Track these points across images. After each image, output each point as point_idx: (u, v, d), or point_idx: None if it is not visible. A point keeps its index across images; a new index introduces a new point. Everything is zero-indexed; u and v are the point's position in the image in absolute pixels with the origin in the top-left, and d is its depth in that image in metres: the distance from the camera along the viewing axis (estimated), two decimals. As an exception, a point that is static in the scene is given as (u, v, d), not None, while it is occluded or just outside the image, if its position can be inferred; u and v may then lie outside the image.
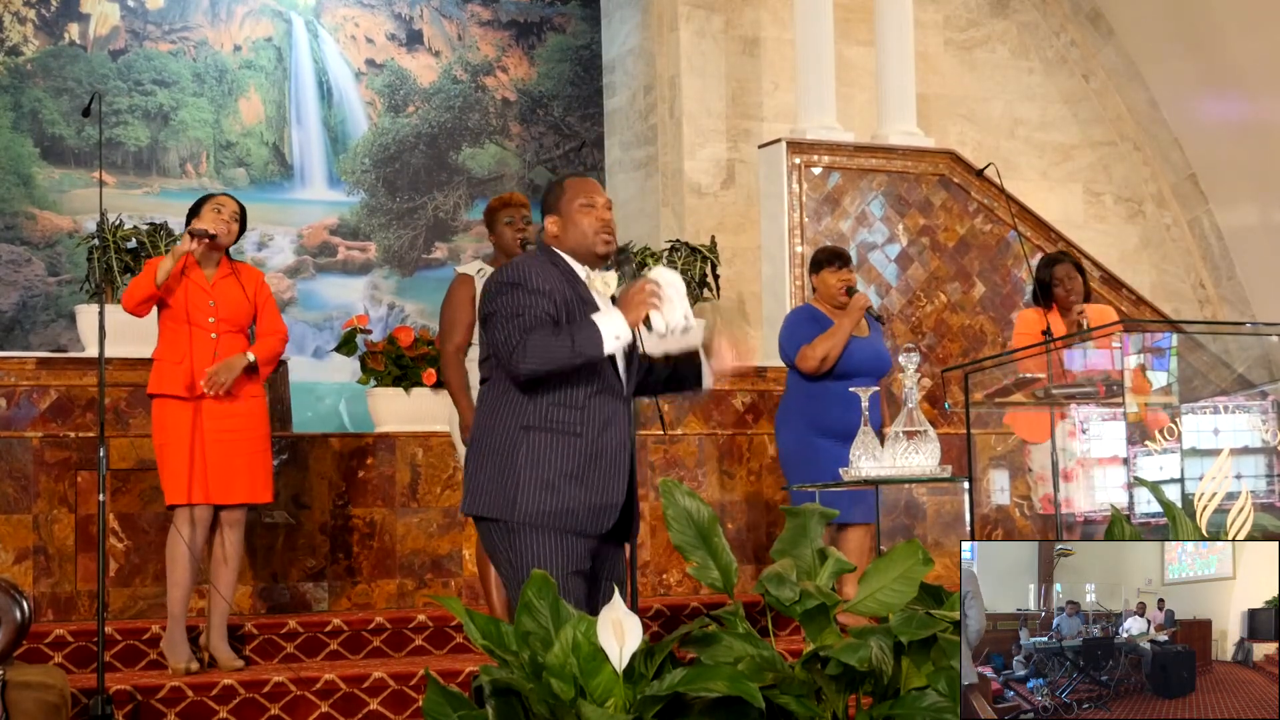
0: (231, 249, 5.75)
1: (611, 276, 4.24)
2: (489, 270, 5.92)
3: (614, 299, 4.20)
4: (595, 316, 4.05)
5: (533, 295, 4.07)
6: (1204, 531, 4.77)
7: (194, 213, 5.66)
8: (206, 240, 5.50)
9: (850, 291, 6.37)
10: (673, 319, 4.09)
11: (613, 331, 4.02)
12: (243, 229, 5.72)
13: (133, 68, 9.01)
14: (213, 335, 5.53)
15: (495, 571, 5.86)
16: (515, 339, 4.02)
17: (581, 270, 4.21)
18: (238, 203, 5.72)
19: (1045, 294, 6.66)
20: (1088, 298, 6.93)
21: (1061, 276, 6.65)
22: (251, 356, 5.57)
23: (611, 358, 4.11)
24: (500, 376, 4.16)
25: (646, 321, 4.07)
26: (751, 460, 7.53)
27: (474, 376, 5.88)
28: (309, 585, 6.65)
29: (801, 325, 6.45)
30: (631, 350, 4.19)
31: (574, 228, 4.20)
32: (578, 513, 4.02)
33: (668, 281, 4.12)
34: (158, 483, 6.18)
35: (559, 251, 4.23)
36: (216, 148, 9.16)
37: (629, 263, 4.25)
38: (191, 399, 5.47)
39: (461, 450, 5.88)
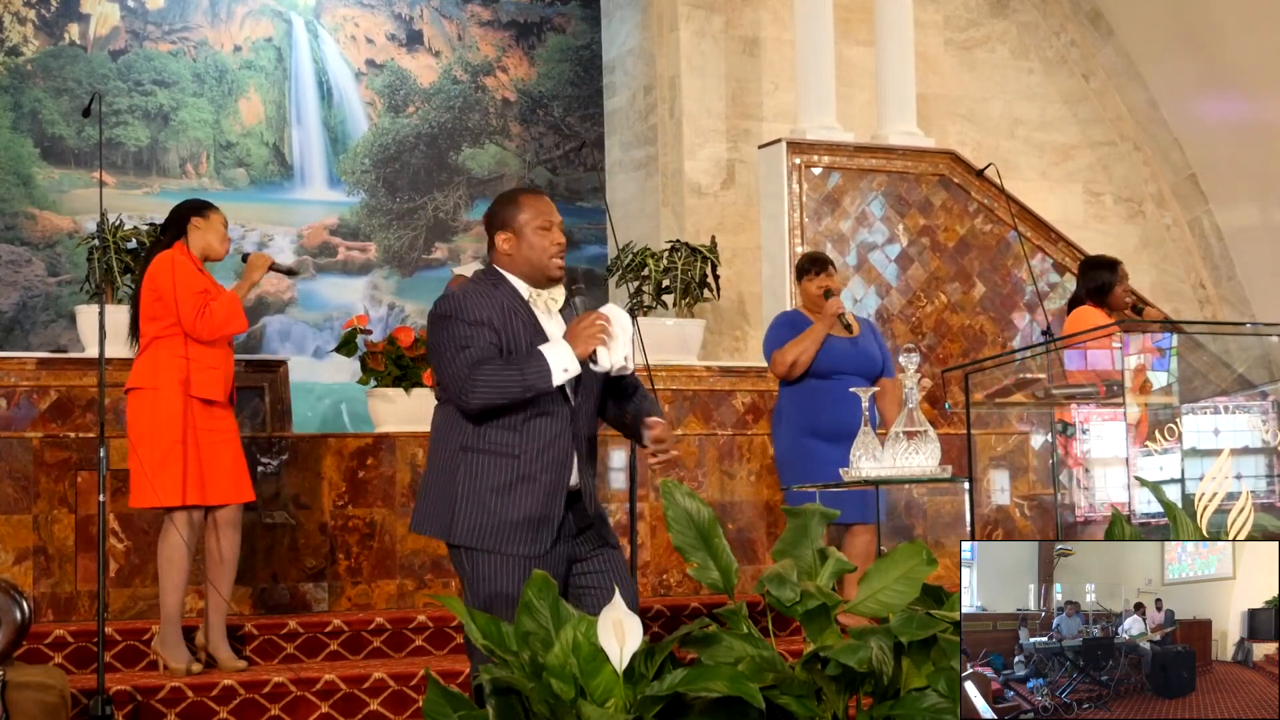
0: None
1: (559, 292, 4.21)
2: None
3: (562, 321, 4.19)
4: (544, 349, 4.02)
5: (473, 327, 4.05)
6: (1204, 531, 4.77)
7: (197, 212, 5.64)
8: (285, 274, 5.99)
9: (828, 295, 6.43)
10: (615, 358, 4.10)
11: (561, 364, 4.00)
12: None
13: (133, 68, 9.01)
14: (229, 342, 5.60)
15: None
16: (464, 373, 4.00)
17: (525, 290, 4.16)
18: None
19: (1102, 294, 6.73)
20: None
21: (1124, 275, 6.80)
22: None
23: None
24: (446, 400, 4.16)
25: (592, 355, 4.07)
26: (751, 460, 7.53)
27: None
28: (309, 585, 6.65)
29: (779, 330, 6.58)
30: (586, 372, 4.12)
31: (529, 248, 4.14)
32: (508, 532, 4.00)
33: (615, 319, 4.11)
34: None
35: (504, 273, 4.17)
36: (216, 148, 9.16)
37: (582, 293, 4.25)
38: (206, 401, 5.47)
39: None
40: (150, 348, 5.49)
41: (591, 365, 4.09)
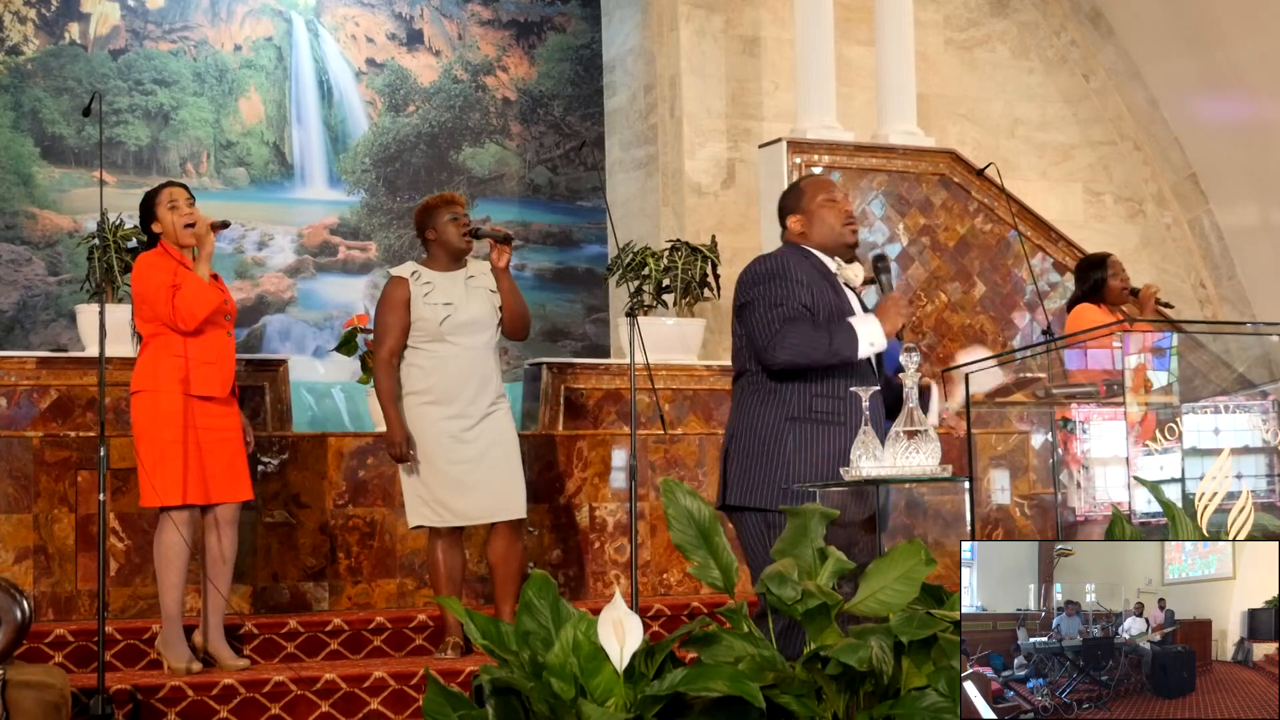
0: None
1: (859, 269, 4.41)
2: (424, 272, 5.87)
3: (860, 298, 4.41)
4: (853, 321, 4.22)
5: (793, 285, 4.25)
6: (1204, 531, 4.77)
7: (147, 211, 5.59)
8: (223, 228, 5.53)
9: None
10: (932, 416, 4.32)
11: (868, 338, 4.20)
12: None
13: (133, 67, 9.01)
14: (228, 334, 5.55)
15: (506, 578, 5.84)
16: (775, 328, 4.19)
17: (831, 263, 4.38)
18: (184, 188, 5.64)
19: (1097, 290, 6.83)
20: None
21: (1117, 267, 6.92)
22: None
23: None
24: (759, 369, 4.30)
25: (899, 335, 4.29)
26: (752, 460, 7.52)
27: (409, 384, 5.84)
28: (309, 585, 6.65)
29: None
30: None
31: (820, 223, 4.38)
32: (848, 503, 4.21)
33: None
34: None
35: (806, 247, 4.39)
36: (217, 147, 9.16)
37: (886, 271, 4.46)
38: (203, 398, 5.45)
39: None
40: (148, 347, 5.50)
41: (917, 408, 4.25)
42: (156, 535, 5.51)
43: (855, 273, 4.42)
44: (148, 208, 5.59)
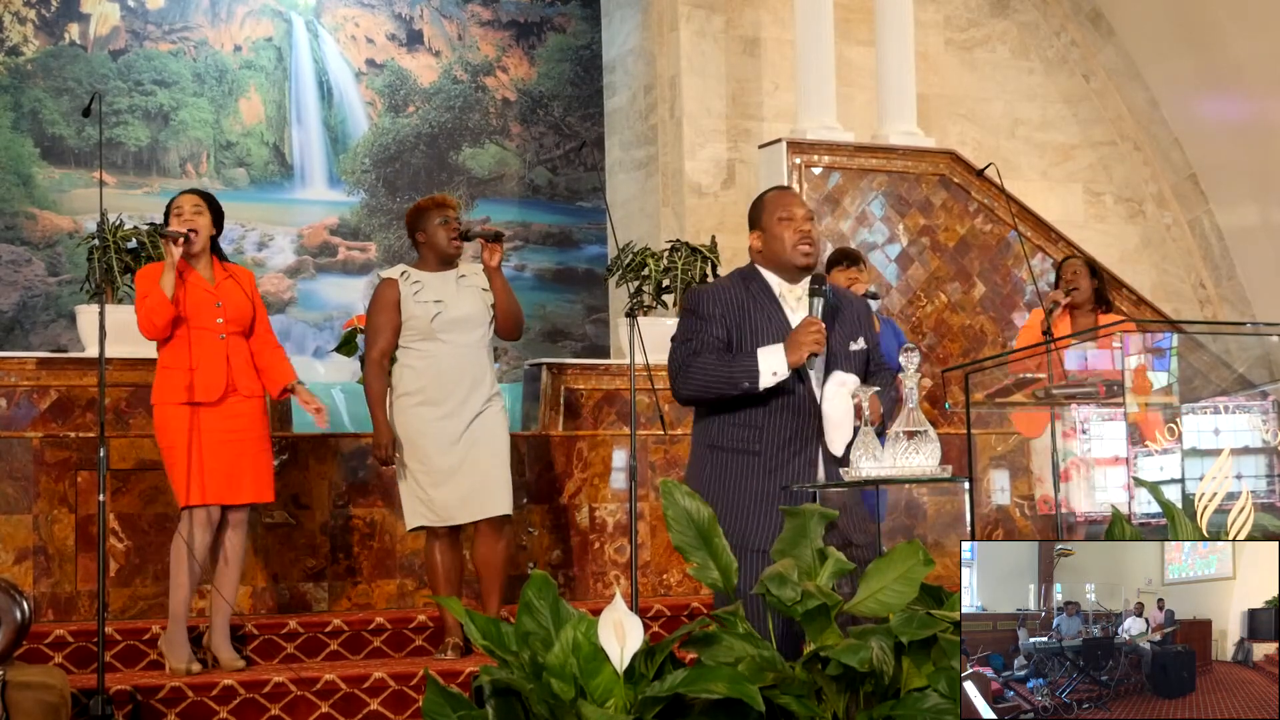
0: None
1: (802, 289, 4.26)
2: (414, 273, 5.87)
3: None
4: (760, 351, 4.12)
5: (704, 321, 4.20)
6: (1204, 532, 4.77)
7: (165, 221, 5.70)
8: (184, 242, 5.50)
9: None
10: (835, 440, 4.16)
11: (770, 367, 4.10)
12: (218, 219, 5.67)
13: (133, 68, 9.01)
14: (221, 337, 5.54)
15: (498, 575, 5.85)
16: (679, 364, 4.19)
17: (777, 285, 4.27)
18: (198, 195, 5.66)
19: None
20: (1103, 302, 7.04)
21: (1063, 270, 6.91)
22: (294, 382, 5.72)
23: (803, 374, 4.16)
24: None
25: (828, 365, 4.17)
26: (752, 460, 7.52)
27: (402, 385, 5.85)
28: (309, 585, 6.64)
29: None
30: (840, 360, 4.23)
31: (774, 240, 4.26)
32: (753, 525, 4.10)
33: (831, 395, 4.16)
34: (158, 483, 6.20)
35: (759, 268, 4.31)
36: (217, 148, 9.16)
37: (818, 294, 4.27)
38: (195, 404, 5.48)
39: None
40: (159, 356, 5.57)
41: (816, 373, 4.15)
42: (174, 535, 5.57)
43: (799, 297, 4.27)
44: (165, 215, 5.68)
